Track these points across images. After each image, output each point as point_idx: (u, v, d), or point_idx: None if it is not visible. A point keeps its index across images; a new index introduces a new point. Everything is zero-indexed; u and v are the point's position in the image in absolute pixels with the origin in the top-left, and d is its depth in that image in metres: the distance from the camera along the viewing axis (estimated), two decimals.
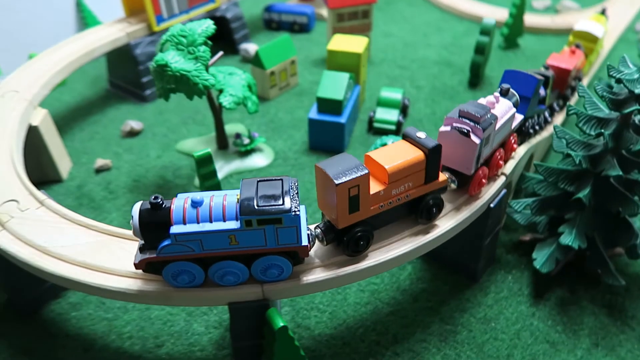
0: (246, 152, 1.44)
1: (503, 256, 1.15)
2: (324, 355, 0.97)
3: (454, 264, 1.10)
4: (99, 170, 1.43)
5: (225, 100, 1.29)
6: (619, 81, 0.88)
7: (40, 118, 1.31)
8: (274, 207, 0.72)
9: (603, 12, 1.74)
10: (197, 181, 1.37)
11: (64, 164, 1.41)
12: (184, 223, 0.73)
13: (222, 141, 1.45)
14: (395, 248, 0.86)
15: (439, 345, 0.98)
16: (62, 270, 0.85)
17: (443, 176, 0.87)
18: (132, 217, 0.74)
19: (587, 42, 1.56)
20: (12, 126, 1.20)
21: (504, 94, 0.95)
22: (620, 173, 0.91)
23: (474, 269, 1.08)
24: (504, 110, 0.92)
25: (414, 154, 0.81)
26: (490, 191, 0.97)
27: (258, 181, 0.75)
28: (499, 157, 0.94)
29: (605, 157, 0.97)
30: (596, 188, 0.99)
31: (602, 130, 0.92)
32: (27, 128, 1.27)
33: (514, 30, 1.97)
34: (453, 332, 1.00)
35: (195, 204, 0.74)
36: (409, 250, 0.86)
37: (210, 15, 1.84)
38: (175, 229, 0.73)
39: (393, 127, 1.52)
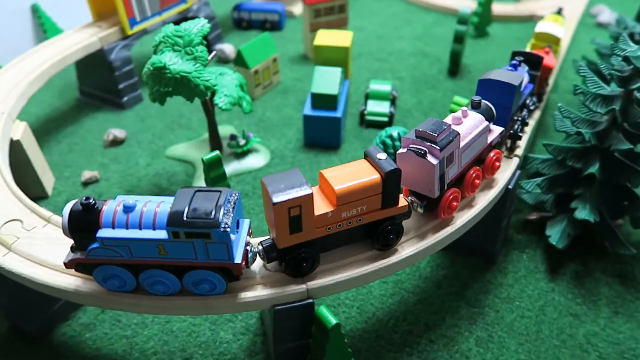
0: (242, 154, 1.41)
1: (514, 236, 1.18)
2: (359, 350, 0.96)
3: (471, 248, 1.12)
4: (86, 183, 1.35)
5: (221, 101, 1.25)
6: (626, 59, 0.92)
7: (21, 131, 1.22)
8: (202, 220, 0.68)
9: (559, 12, 1.72)
10: (202, 184, 1.32)
11: (47, 178, 1.33)
12: (113, 227, 0.72)
13: (215, 144, 1.41)
14: (420, 240, 0.86)
15: (470, 328, 0.99)
16: (85, 288, 0.80)
17: (404, 201, 0.80)
18: (62, 216, 0.72)
19: (549, 43, 1.52)
20: None
21: (475, 106, 0.89)
22: (630, 146, 0.95)
23: (492, 252, 1.10)
24: (472, 125, 0.85)
25: (369, 176, 0.75)
26: (507, 174, 0.99)
27: (196, 191, 0.72)
28: (473, 175, 0.88)
29: (611, 132, 1.01)
30: (603, 163, 1.03)
31: (614, 107, 0.96)
32: (9, 142, 1.18)
33: (484, 19, 2.02)
34: (481, 314, 1.02)
35: (127, 209, 0.72)
36: (434, 242, 0.86)
37: (183, 17, 1.78)
38: (102, 233, 0.71)
39: (386, 119, 1.53)
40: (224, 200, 0.70)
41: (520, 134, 1.01)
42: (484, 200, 0.93)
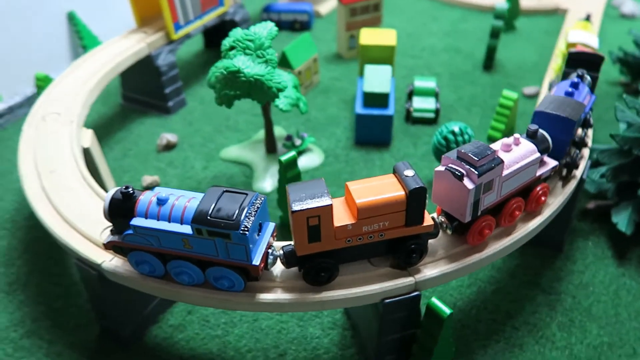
0: (298, 153, 1.43)
1: (576, 225, 1.22)
2: None
3: (539, 238, 1.15)
4: (147, 188, 1.37)
5: (281, 103, 1.27)
6: None
7: (90, 139, 1.24)
8: (223, 221, 0.71)
9: (588, 19, 1.65)
10: (262, 185, 1.34)
11: (110, 185, 1.34)
12: (146, 217, 0.77)
13: (271, 144, 1.43)
14: (516, 232, 0.89)
15: (550, 314, 1.03)
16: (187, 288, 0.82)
17: (429, 220, 0.78)
18: (104, 201, 0.79)
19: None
20: (72, 150, 1.13)
21: (531, 136, 0.85)
22: None
23: (560, 240, 1.13)
24: (521, 154, 0.82)
25: (394, 193, 0.74)
26: (581, 165, 1.01)
27: (224, 191, 0.75)
28: (514, 206, 0.85)
29: None
30: None
31: None
32: (82, 151, 1.20)
33: (512, 13, 2.06)
34: (558, 300, 1.06)
35: (160, 202, 0.76)
36: (523, 235, 0.89)
37: (221, 19, 1.80)
38: (135, 221, 0.76)
39: (432, 115, 1.56)
40: (248, 203, 0.73)
41: (577, 163, 0.95)
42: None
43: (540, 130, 0.86)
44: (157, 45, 1.60)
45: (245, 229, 0.71)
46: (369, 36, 1.57)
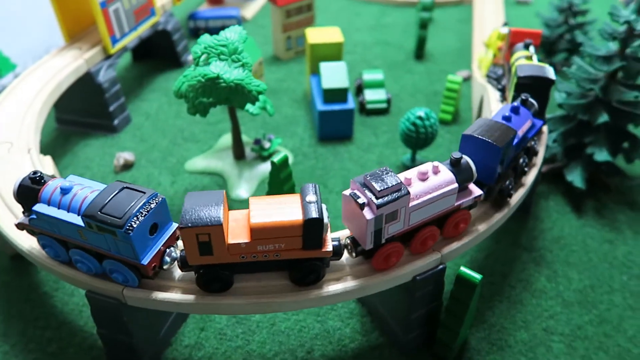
0: (268, 156, 1.43)
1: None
2: None
3: None
4: (125, 166, 1.29)
5: (252, 107, 1.27)
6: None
7: (52, 166, 1.14)
8: (110, 218, 0.72)
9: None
10: (238, 193, 1.32)
11: None
12: (48, 204, 0.79)
13: (239, 150, 1.41)
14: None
15: (537, 269, 1.14)
16: (205, 300, 0.80)
17: (329, 246, 0.77)
18: (15, 183, 0.81)
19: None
20: None
21: (454, 164, 0.82)
22: (636, 94, 1.16)
23: (529, 203, 1.26)
24: (436, 184, 0.79)
25: (292, 217, 0.73)
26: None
27: (124, 187, 0.76)
28: (427, 235, 0.83)
29: (612, 86, 1.21)
30: (607, 112, 1.23)
31: (617, 64, 1.16)
32: None
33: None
34: (540, 255, 1.17)
35: (63, 191, 0.79)
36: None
37: (154, 29, 1.73)
38: (36, 207, 0.79)
39: (385, 105, 1.63)
40: (142, 202, 0.74)
41: (510, 193, 0.93)
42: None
43: (465, 158, 0.83)
44: (95, 60, 1.50)
45: (130, 228, 0.71)
46: (315, 35, 1.60)
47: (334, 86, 1.47)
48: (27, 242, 0.89)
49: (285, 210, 0.74)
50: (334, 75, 1.49)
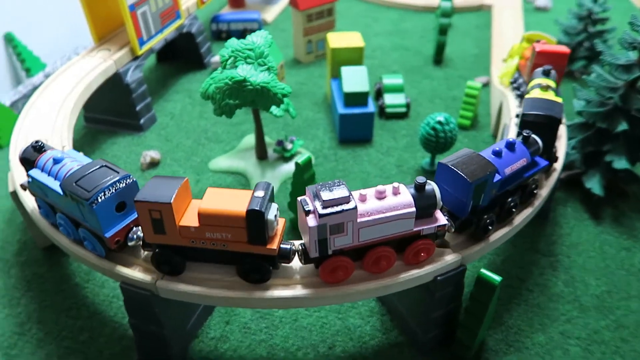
0: (290, 157, 1.46)
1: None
2: None
3: None
4: (151, 164, 1.34)
5: (275, 110, 1.30)
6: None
7: None
8: (80, 190, 0.79)
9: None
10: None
11: None
12: (42, 171, 0.87)
13: (262, 151, 1.45)
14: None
15: (555, 274, 1.16)
16: (235, 294, 0.83)
17: (274, 245, 0.78)
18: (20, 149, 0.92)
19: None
20: None
21: (417, 189, 0.80)
22: None
23: (547, 209, 1.27)
24: (391, 205, 0.78)
25: (236, 208, 0.76)
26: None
27: (103, 165, 0.83)
28: (380, 254, 0.82)
29: (631, 95, 1.23)
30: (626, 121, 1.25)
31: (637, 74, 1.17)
32: None
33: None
34: (557, 261, 1.19)
35: (55, 161, 0.87)
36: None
37: (179, 32, 1.78)
38: (31, 172, 0.89)
39: (404, 110, 1.66)
40: (112, 181, 0.80)
41: (487, 229, 0.89)
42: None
43: (432, 185, 0.81)
44: (124, 61, 1.55)
45: (95, 201, 0.78)
46: (337, 40, 1.63)
47: (355, 90, 1.50)
48: (63, 239, 0.93)
49: (234, 201, 0.77)
50: (355, 79, 1.52)
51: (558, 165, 1.11)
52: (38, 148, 0.90)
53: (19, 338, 1.03)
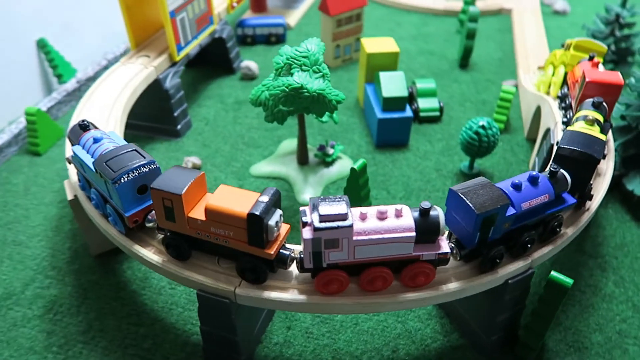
0: (332, 162, 1.47)
1: None
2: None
3: None
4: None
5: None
6: None
7: None
8: (109, 170, 0.86)
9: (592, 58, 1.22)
10: (305, 197, 1.36)
11: None
12: (83, 147, 0.95)
13: (304, 156, 1.46)
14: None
15: (605, 275, 1.18)
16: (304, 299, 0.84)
17: (272, 249, 0.80)
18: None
19: (591, 52, 1.28)
20: None
21: (422, 214, 0.79)
22: None
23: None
24: (390, 227, 0.77)
25: (239, 209, 0.78)
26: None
27: (134, 149, 0.90)
28: (376, 274, 0.82)
29: None
30: None
31: None
32: None
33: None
34: (605, 262, 1.21)
35: (95, 140, 0.94)
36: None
37: (212, 37, 1.79)
38: (74, 147, 0.96)
39: (438, 113, 1.68)
40: (138, 164, 0.87)
41: (489, 266, 0.86)
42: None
43: (437, 211, 0.79)
44: (163, 68, 1.55)
45: (118, 181, 0.85)
46: (372, 45, 1.65)
47: (394, 95, 1.52)
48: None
49: (240, 202, 0.80)
50: (393, 84, 1.53)
51: (593, 205, 1.01)
52: (83, 126, 0.99)
53: (84, 347, 1.04)
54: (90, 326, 1.08)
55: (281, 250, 0.83)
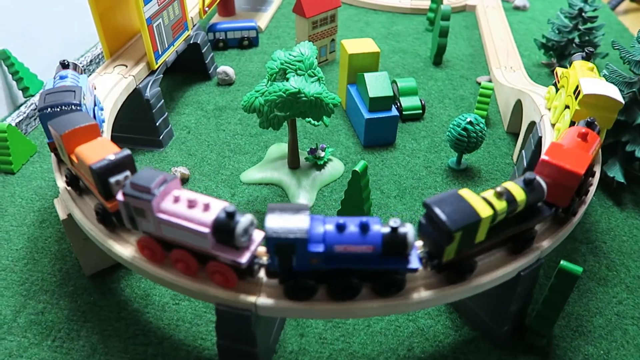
0: (323, 164, 1.47)
1: None
2: None
3: None
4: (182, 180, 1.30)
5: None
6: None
7: None
8: (41, 101, 1.02)
9: (588, 58, 1.22)
10: (299, 202, 1.36)
11: None
12: (53, 81, 1.11)
13: (295, 161, 1.45)
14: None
15: (597, 260, 1.23)
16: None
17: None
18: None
19: (601, 110, 1.07)
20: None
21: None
22: None
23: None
24: (191, 217, 0.78)
25: (91, 160, 0.87)
26: None
27: (73, 90, 1.05)
28: (178, 257, 0.84)
29: None
30: None
31: None
32: None
33: (437, 14, 2.30)
34: (595, 247, 1.27)
35: (61, 78, 1.11)
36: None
37: (187, 43, 1.75)
38: (48, 80, 1.13)
39: (420, 111, 1.71)
40: (60, 102, 1.01)
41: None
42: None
43: (248, 220, 0.77)
44: (141, 76, 1.50)
45: (42, 110, 1.00)
46: (352, 46, 1.65)
47: (380, 94, 1.53)
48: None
49: (98, 152, 0.90)
50: (378, 84, 1.55)
51: (575, 220, 0.97)
52: (64, 65, 1.15)
53: None
54: (94, 350, 1.03)
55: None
